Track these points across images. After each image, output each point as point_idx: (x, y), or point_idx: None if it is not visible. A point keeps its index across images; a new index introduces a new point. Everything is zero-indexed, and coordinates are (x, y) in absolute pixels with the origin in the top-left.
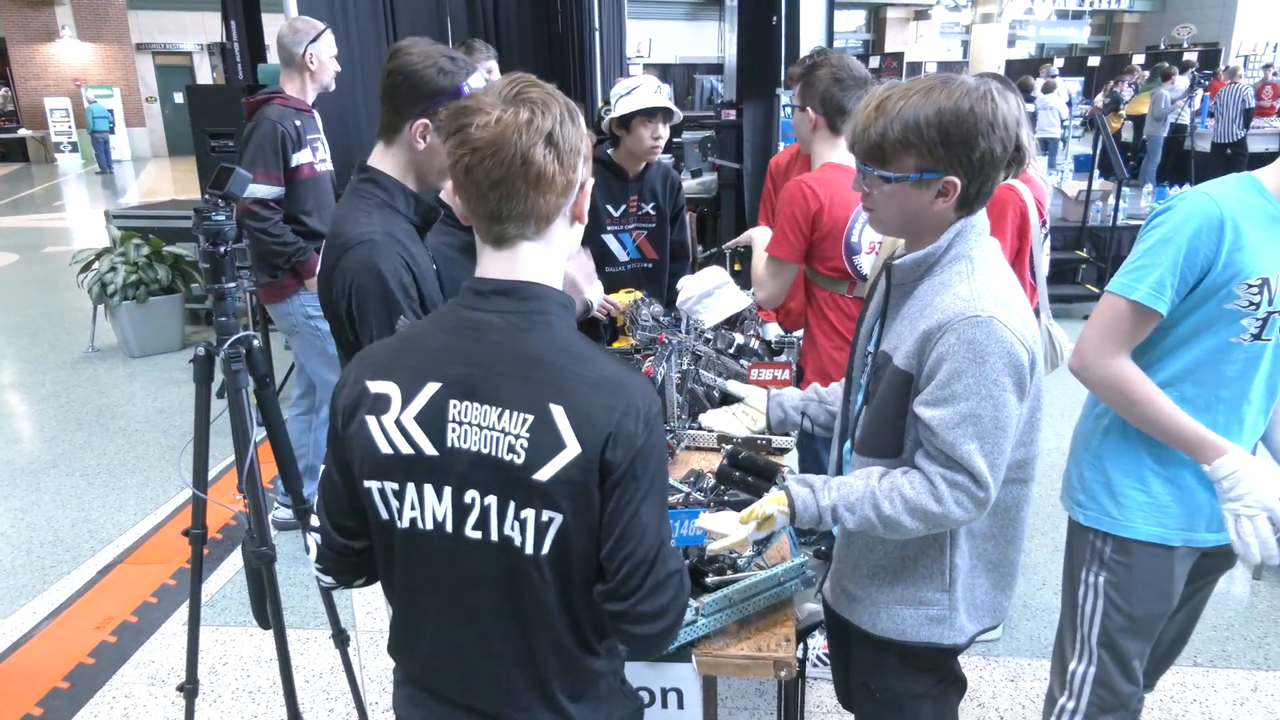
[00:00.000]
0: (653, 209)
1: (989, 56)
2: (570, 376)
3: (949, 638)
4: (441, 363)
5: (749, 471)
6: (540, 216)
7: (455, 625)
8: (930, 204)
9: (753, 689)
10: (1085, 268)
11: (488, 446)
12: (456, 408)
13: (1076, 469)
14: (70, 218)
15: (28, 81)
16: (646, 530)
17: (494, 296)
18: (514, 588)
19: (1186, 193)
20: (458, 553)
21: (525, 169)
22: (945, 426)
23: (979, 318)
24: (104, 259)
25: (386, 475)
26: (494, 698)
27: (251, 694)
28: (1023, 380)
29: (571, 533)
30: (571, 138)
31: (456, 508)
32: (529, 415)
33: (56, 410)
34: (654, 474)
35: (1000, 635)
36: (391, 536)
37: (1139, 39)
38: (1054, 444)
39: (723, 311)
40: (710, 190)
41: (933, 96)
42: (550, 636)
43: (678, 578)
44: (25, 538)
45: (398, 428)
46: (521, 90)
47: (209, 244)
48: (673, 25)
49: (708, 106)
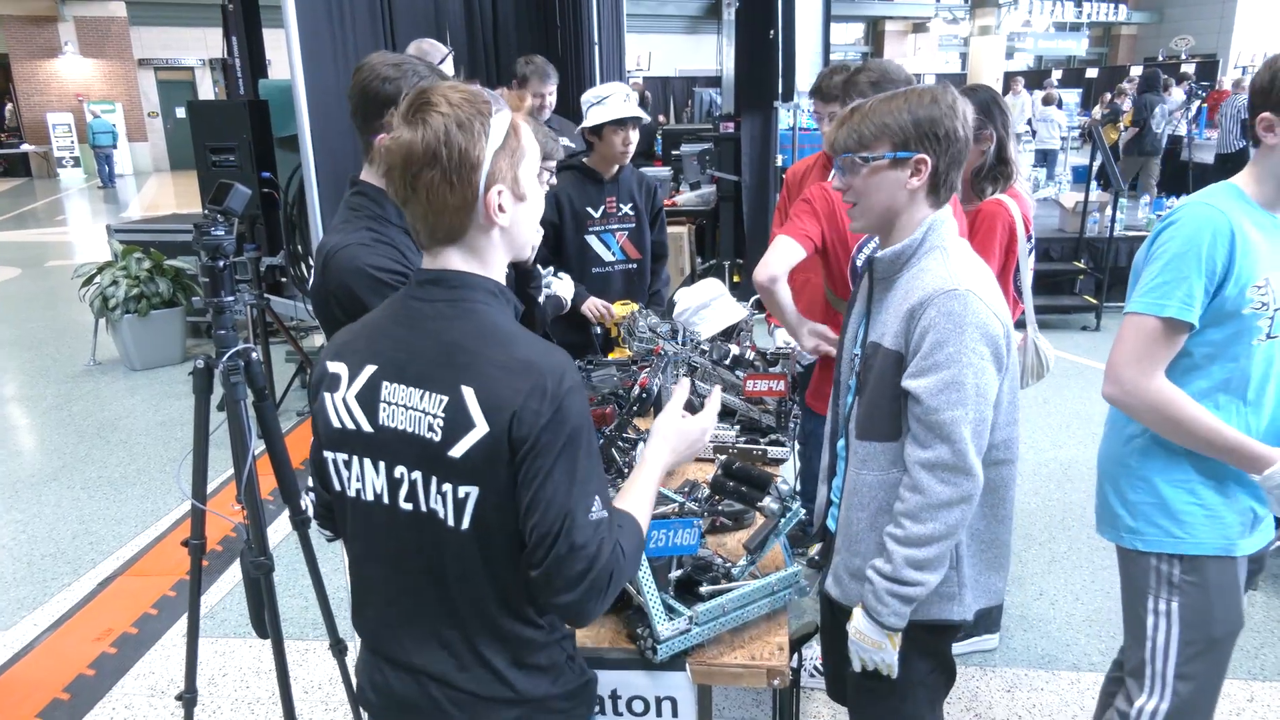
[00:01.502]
0: (631, 209)
1: (987, 68)
2: (485, 360)
3: (958, 613)
4: (380, 346)
5: (742, 482)
6: (448, 230)
7: (396, 593)
8: (906, 186)
9: (749, 698)
10: (1083, 279)
11: (411, 425)
12: (388, 388)
13: (1117, 496)
14: (72, 232)
15: (31, 97)
16: (551, 502)
17: (428, 285)
18: (441, 558)
19: (1185, 206)
20: (394, 523)
21: (417, 195)
22: (929, 394)
23: (956, 291)
24: (106, 273)
25: (338, 447)
26: (437, 660)
27: (250, 705)
28: (999, 352)
29: (488, 507)
30: (468, 149)
31: (390, 481)
32: (444, 396)
33: (58, 423)
34: (561, 449)
35: (997, 645)
36: (344, 505)
37: (1137, 50)
38: (1051, 454)
39: (719, 323)
40: (709, 202)
41: (897, 99)
42: (479, 607)
43: (586, 553)
44: (26, 550)
45: (344, 404)
46: (418, 106)
47: (208, 258)
48: (672, 39)
49: (706, 119)
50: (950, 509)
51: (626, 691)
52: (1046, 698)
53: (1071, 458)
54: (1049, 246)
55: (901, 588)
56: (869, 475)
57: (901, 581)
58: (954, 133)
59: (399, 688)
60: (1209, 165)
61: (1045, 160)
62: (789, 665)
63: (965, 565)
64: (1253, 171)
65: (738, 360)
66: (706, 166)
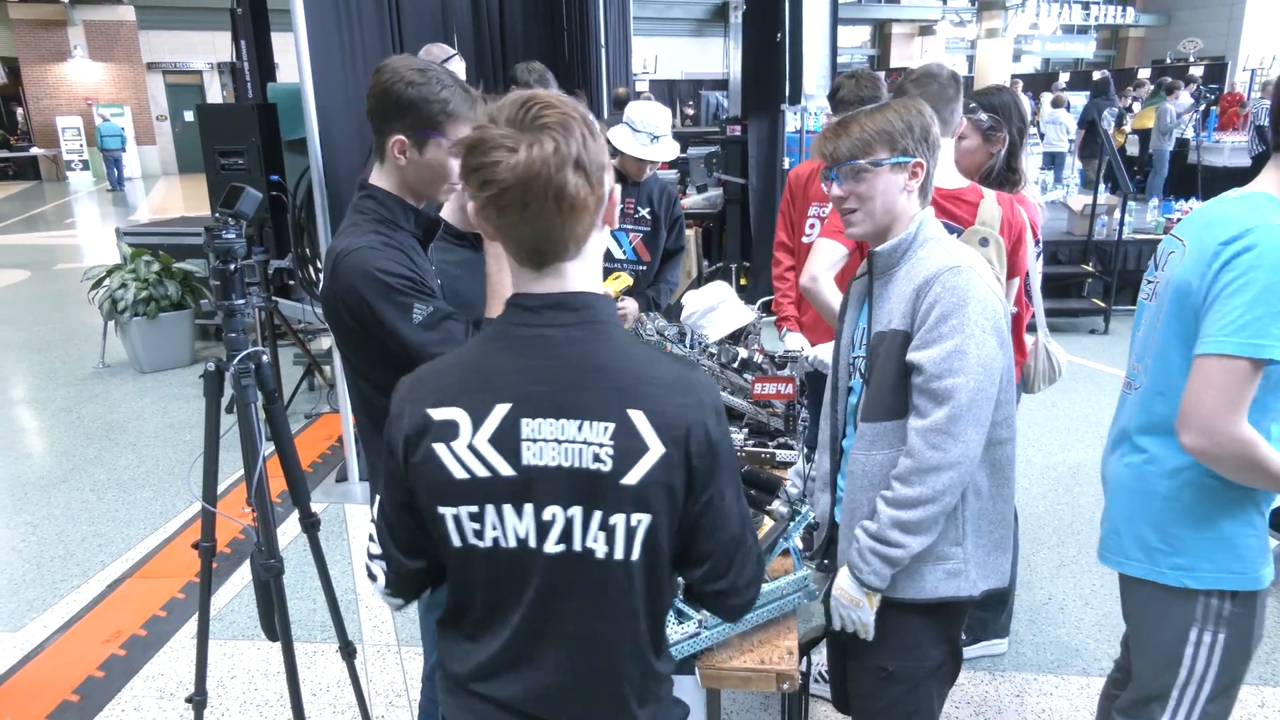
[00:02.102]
0: (648, 214)
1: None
2: (641, 380)
3: (965, 590)
4: (508, 382)
5: (751, 485)
6: (577, 239)
7: (540, 640)
8: (904, 188)
9: (757, 702)
10: (1091, 282)
11: (569, 459)
12: (529, 425)
13: (1157, 531)
14: (81, 235)
15: (40, 100)
16: (732, 511)
17: (546, 311)
18: (599, 597)
19: (1259, 229)
20: (543, 568)
21: (559, 203)
22: (933, 362)
23: (959, 267)
24: (115, 275)
25: (463, 500)
26: (568, 711)
27: (259, 707)
28: (999, 327)
29: (660, 532)
30: (597, 155)
31: (538, 525)
32: (609, 423)
33: (67, 425)
34: (730, 459)
35: (1006, 650)
36: (469, 559)
37: (1145, 53)
38: (1059, 458)
39: (726, 326)
40: (715, 205)
41: (888, 110)
42: (633, 642)
43: (759, 549)
44: (36, 552)
45: (471, 452)
46: (537, 114)
47: (219, 261)
48: (678, 42)
49: (713, 122)
50: (939, 473)
51: None
52: (1056, 702)
53: (1080, 461)
54: (1057, 249)
55: (884, 548)
56: (879, 454)
57: (885, 541)
58: (936, 139)
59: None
60: (1218, 169)
61: (1053, 163)
62: (798, 669)
63: (969, 543)
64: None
65: (746, 363)
66: (713, 169)
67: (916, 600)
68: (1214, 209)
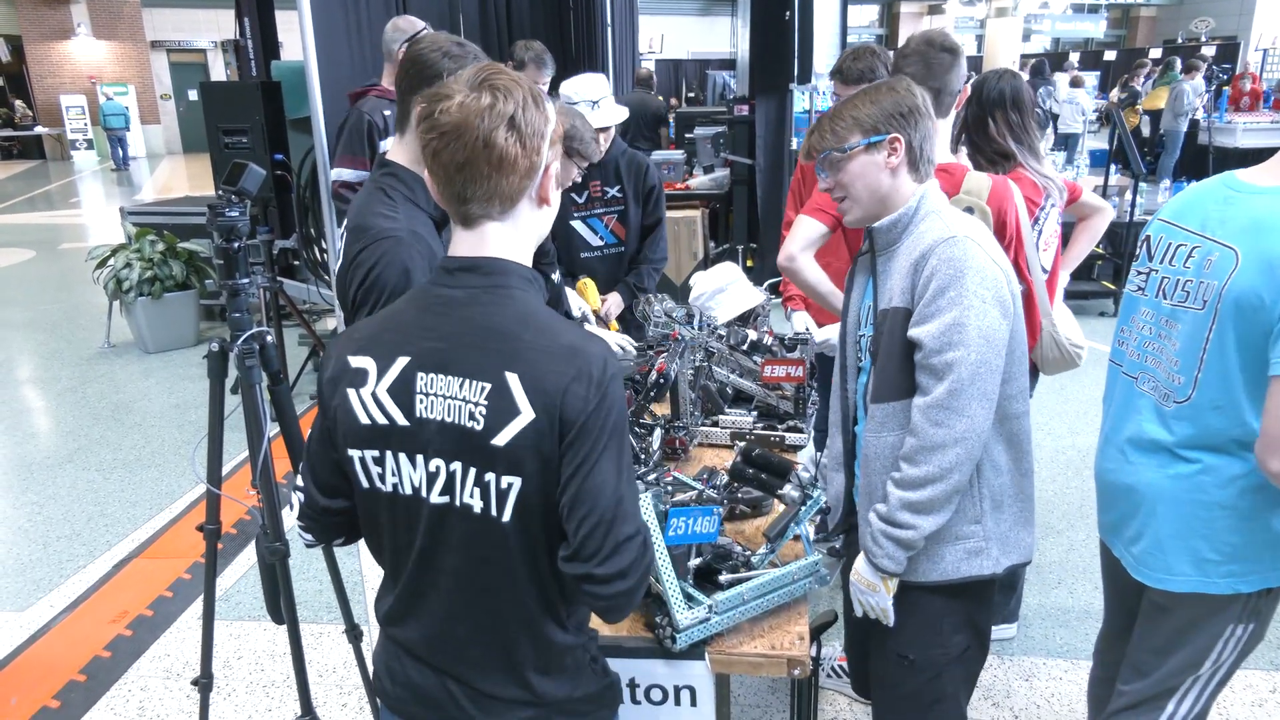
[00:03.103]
0: (618, 192)
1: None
2: (527, 346)
3: (987, 568)
4: (411, 337)
5: (763, 469)
6: (504, 197)
7: (425, 588)
8: (886, 166)
9: (766, 687)
10: (1101, 264)
11: (451, 415)
12: (423, 379)
13: (1211, 542)
14: (86, 214)
15: (44, 79)
16: (602, 490)
17: (460, 273)
18: (479, 554)
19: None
20: (430, 518)
21: (488, 151)
22: (932, 337)
23: (955, 238)
24: (119, 255)
25: (367, 444)
26: (459, 662)
27: (265, 688)
28: (1002, 296)
29: (532, 497)
30: (535, 121)
31: (427, 475)
32: (486, 384)
33: (72, 405)
34: (609, 435)
35: (1015, 634)
36: (377, 502)
37: (1156, 33)
38: (1069, 442)
39: (735, 307)
40: (723, 186)
41: (859, 97)
42: (516, 605)
43: (638, 540)
44: (42, 532)
45: (374, 400)
46: (488, 77)
47: (223, 240)
48: (685, 20)
49: (720, 102)
50: (944, 451)
51: (645, 680)
52: (1065, 687)
53: (1089, 445)
54: (1066, 231)
55: (896, 530)
56: (889, 436)
57: (895, 524)
58: (918, 109)
59: (418, 680)
60: (1229, 150)
61: (1066, 144)
62: (809, 655)
63: (989, 520)
64: None
65: (755, 345)
66: (720, 150)
67: (938, 582)
68: (1258, 208)
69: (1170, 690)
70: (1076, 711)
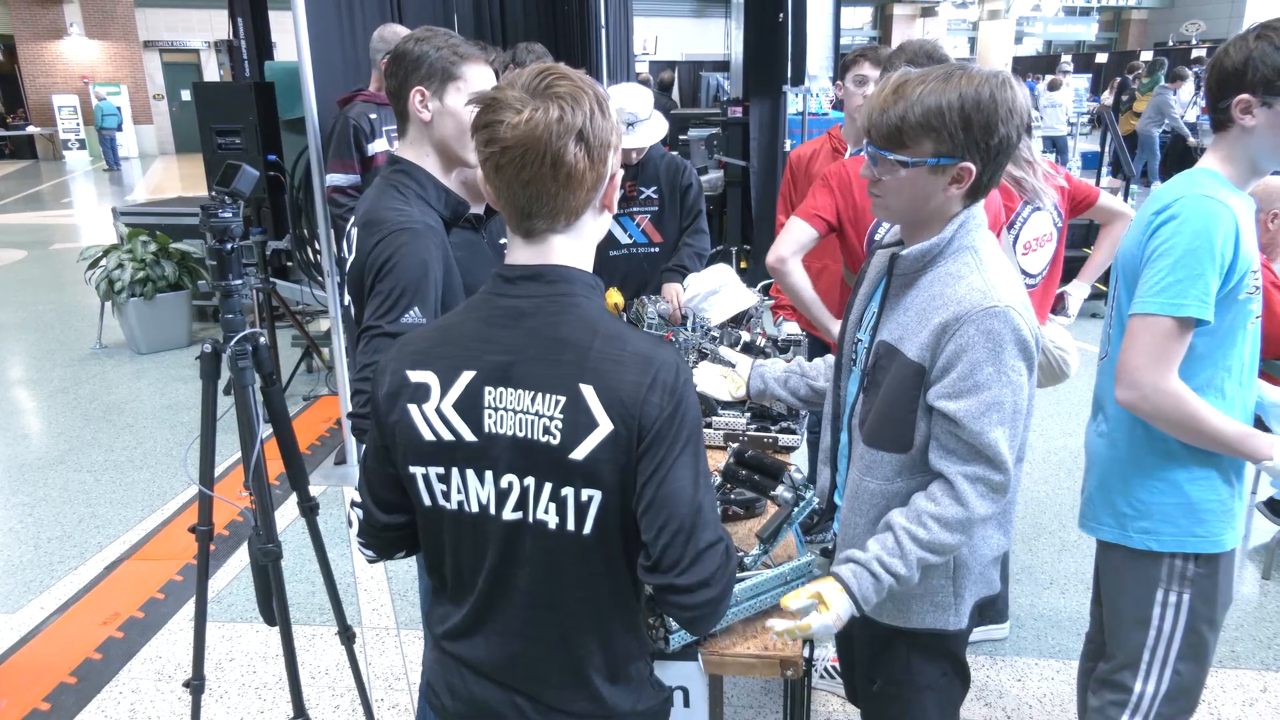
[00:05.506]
0: (654, 193)
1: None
2: (599, 356)
3: (953, 624)
4: (475, 350)
5: (755, 470)
6: (570, 212)
7: (500, 605)
8: (943, 190)
9: (759, 688)
10: None
11: (524, 430)
12: (491, 394)
13: (1125, 496)
14: (78, 215)
15: (36, 79)
16: (679, 497)
17: (523, 282)
18: (554, 569)
19: (1183, 200)
20: (502, 535)
21: (555, 170)
22: (971, 417)
23: (996, 308)
24: (111, 256)
25: (431, 461)
26: (529, 678)
27: (257, 690)
28: (1033, 364)
29: (611, 510)
30: (602, 131)
31: (497, 492)
32: (561, 396)
33: (64, 406)
34: (684, 442)
35: (1007, 635)
36: (439, 520)
37: (1147, 35)
38: (1061, 442)
39: (729, 309)
40: (717, 188)
41: (952, 82)
42: (593, 617)
43: (721, 547)
44: (33, 533)
45: (438, 415)
46: (550, 84)
47: (216, 241)
48: (679, 22)
49: (714, 104)
50: (986, 524)
51: None
52: (1058, 687)
53: (1081, 446)
54: (1075, 235)
55: (888, 576)
56: (871, 483)
57: (893, 573)
58: (1007, 140)
59: (482, 695)
60: None
61: (1054, 146)
62: (802, 656)
63: (962, 574)
64: (1223, 153)
65: (748, 347)
66: (714, 152)
67: (900, 628)
68: (1162, 186)
69: (1130, 665)
70: (1069, 711)
